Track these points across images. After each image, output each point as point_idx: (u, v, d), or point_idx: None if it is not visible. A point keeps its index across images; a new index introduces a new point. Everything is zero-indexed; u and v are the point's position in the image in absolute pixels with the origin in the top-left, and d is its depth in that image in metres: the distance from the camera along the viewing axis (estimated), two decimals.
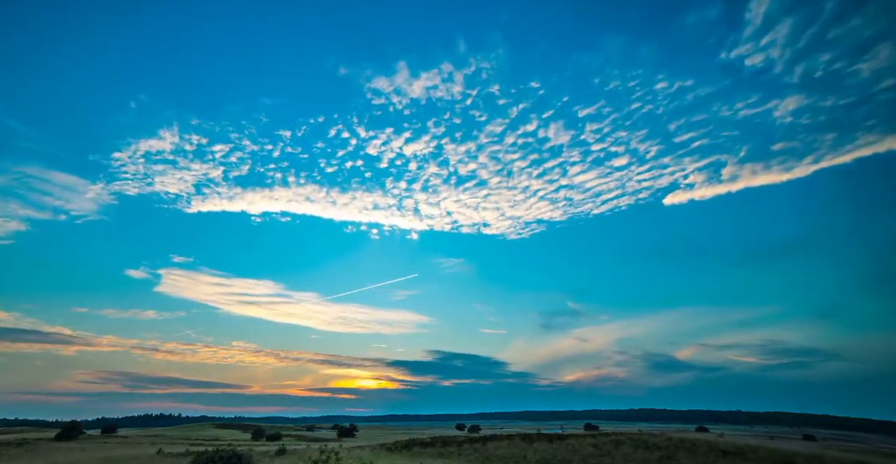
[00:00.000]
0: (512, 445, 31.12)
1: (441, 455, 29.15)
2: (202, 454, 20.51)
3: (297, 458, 25.54)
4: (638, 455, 27.07)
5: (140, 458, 28.32)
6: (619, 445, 29.96)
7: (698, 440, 31.56)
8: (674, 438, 32.55)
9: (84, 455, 29.80)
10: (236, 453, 20.51)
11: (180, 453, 30.61)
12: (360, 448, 32.85)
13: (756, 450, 28.34)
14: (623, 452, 27.97)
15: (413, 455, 28.98)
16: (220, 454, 20.05)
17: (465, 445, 31.98)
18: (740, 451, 28.00)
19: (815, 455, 27.37)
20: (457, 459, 27.83)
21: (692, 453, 27.39)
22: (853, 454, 31.43)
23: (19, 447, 34.44)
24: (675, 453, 27.35)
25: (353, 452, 29.38)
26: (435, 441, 34.84)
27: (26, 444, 36.86)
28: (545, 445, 30.48)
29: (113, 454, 29.93)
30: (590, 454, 27.39)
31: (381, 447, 33.22)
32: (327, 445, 34.85)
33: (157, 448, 33.85)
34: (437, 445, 32.87)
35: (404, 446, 32.66)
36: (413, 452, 30.35)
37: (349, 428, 70.13)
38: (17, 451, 32.34)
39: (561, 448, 29.16)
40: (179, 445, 39.60)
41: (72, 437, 42.81)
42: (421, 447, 32.24)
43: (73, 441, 40.86)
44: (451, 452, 29.80)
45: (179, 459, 27.74)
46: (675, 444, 30.00)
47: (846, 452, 34.60)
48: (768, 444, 34.82)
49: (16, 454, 30.62)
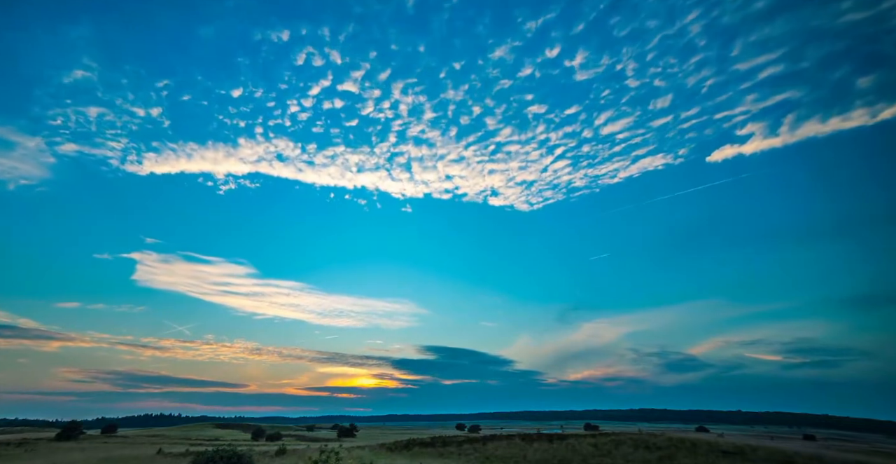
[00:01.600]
0: (512, 445, 31.11)
1: (441, 455, 29.14)
2: (202, 454, 20.51)
3: (298, 458, 25.53)
4: (638, 455, 27.06)
5: (140, 458, 28.32)
6: (619, 445, 29.96)
7: (698, 440, 31.56)
8: (674, 438, 32.55)
9: (84, 455, 29.79)
10: (236, 453, 20.50)
11: (180, 453, 30.61)
12: (360, 448, 32.84)
13: (756, 450, 28.35)
14: (623, 452, 27.96)
15: (413, 455, 28.98)
16: (221, 454, 20.04)
17: (465, 445, 31.98)
18: (740, 451, 28.00)
19: (815, 455, 27.37)
20: (457, 459, 27.82)
21: (692, 453, 27.38)
22: (853, 454, 31.42)
23: (19, 447, 34.44)
24: (675, 453, 27.35)
25: (353, 452, 29.38)
26: (435, 441, 34.84)
27: (26, 444, 36.87)
28: (545, 445, 30.48)
29: (113, 454, 29.93)
30: (590, 454, 27.39)
31: (381, 447, 33.22)
32: (327, 445, 34.85)
33: (157, 448, 33.85)
34: (437, 445, 32.87)
35: (404, 446, 32.65)
36: (413, 452, 30.34)
37: (349, 428, 70.14)
38: (17, 451, 32.33)
39: (561, 448, 29.16)
40: (179, 445, 39.61)
41: (72, 437, 42.81)
42: (421, 447, 32.24)
43: (72, 441, 40.86)
44: (451, 452, 29.79)
45: (179, 459, 27.73)
46: (675, 444, 30.01)
47: (846, 452, 34.59)
48: (768, 444, 34.82)
49: (16, 454, 30.62)
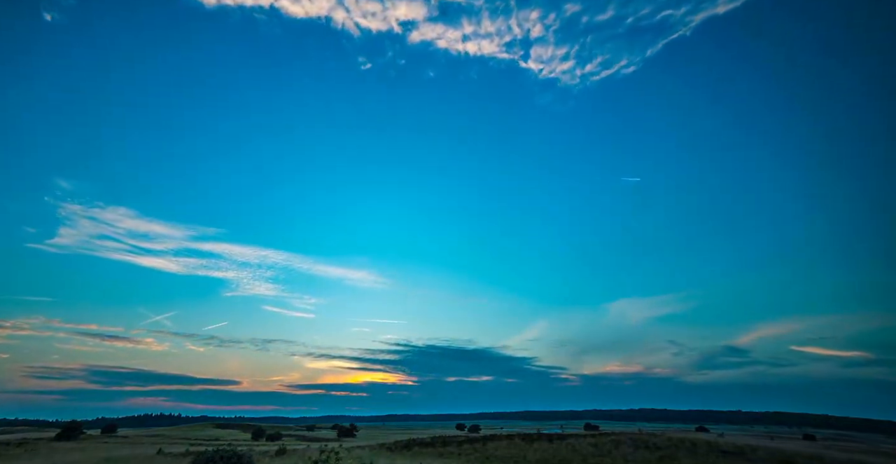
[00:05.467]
0: (512, 445, 31.11)
1: (441, 455, 29.13)
2: (202, 454, 20.49)
3: (298, 458, 25.52)
4: (638, 455, 27.06)
5: (140, 458, 28.30)
6: (619, 445, 29.96)
7: (698, 440, 31.58)
8: (674, 438, 32.56)
9: (84, 455, 29.78)
10: (236, 452, 20.49)
11: (180, 453, 30.59)
12: (360, 448, 32.84)
13: (756, 450, 28.37)
14: (623, 452, 27.97)
15: (413, 455, 28.97)
16: (221, 454, 20.02)
17: (465, 445, 31.98)
18: (740, 451, 28.01)
19: (815, 455, 27.39)
20: (457, 459, 27.82)
21: (692, 453, 27.39)
22: (853, 454, 31.44)
23: (19, 447, 34.42)
24: (675, 453, 27.35)
25: (353, 452, 29.37)
26: (435, 441, 34.85)
27: (26, 444, 36.86)
28: (545, 444, 30.48)
29: (113, 454, 29.92)
30: (590, 454, 27.39)
31: (381, 447, 33.22)
32: (327, 445, 34.86)
33: (158, 448, 33.84)
34: (437, 445, 32.87)
35: (404, 446, 32.65)
36: (413, 452, 30.33)
37: (349, 428, 70.16)
38: (17, 451, 32.32)
39: (561, 448, 29.16)
40: (179, 445, 39.61)
41: (72, 437, 42.80)
42: (421, 447, 32.23)
43: (72, 441, 40.85)
44: (451, 452, 29.79)
45: (179, 459, 27.72)
46: (675, 444, 30.02)
47: (846, 452, 34.60)
48: (768, 444, 34.83)
49: (16, 454, 30.60)
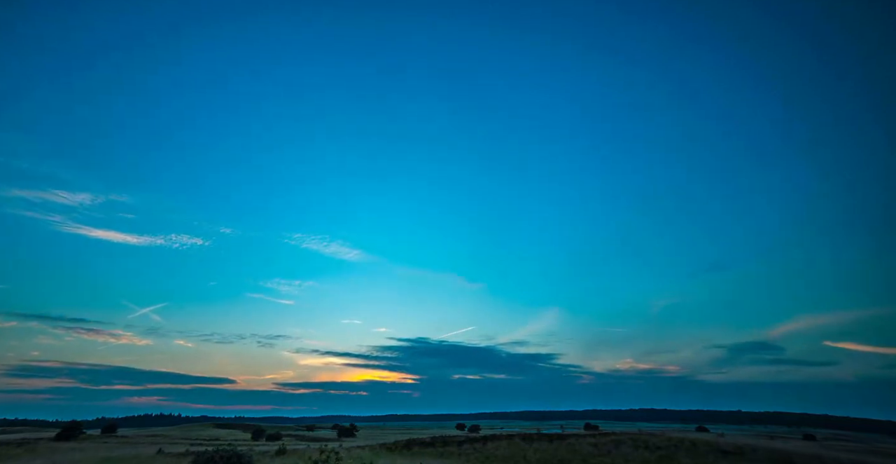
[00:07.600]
0: (512, 445, 31.12)
1: (441, 455, 29.14)
2: (202, 454, 20.50)
3: (298, 458, 25.52)
4: (638, 455, 27.08)
5: (140, 458, 28.30)
6: (619, 444, 29.98)
7: (698, 440, 31.59)
8: (674, 438, 32.58)
9: (84, 455, 29.77)
10: (237, 452, 20.49)
11: (180, 452, 30.59)
12: (361, 448, 32.84)
13: (756, 450, 28.38)
14: (623, 451, 27.98)
15: (413, 455, 28.97)
16: (221, 454, 20.03)
17: (465, 444, 31.98)
18: (740, 451, 28.02)
19: (815, 455, 27.40)
20: (457, 458, 27.83)
21: (692, 453, 27.41)
22: (853, 454, 31.45)
23: (19, 447, 34.41)
24: (675, 453, 27.37)
25: (353, 452, 29.37)
26: (435, 441, 34.85)
27: (26, 444, 36.85)
28: (545, 444, 30.49)
29: (113, 454, 29.91)
30: (590, 454, 27.40)
31: (381, 447, 33.22)
32: (327, 445, 34.86)
33: (158, 448, 33.84)
34: (437, 444, 32.87)
35: (404, 446, 32.65)
36: (413, 452, 30.34)
37: (349, 428, 70.17)
38: (17, 451, 32.31)
39: (561, 448, 29.17)
40: (179, 445, 39.61)
41: (72, 437, 42.79)
42: (421, 447, 32.24)
43: (72, 441, 40.84)
44: (452, 452, 29.80)
45: (179, 459, 27.71)
46: (675, 444, 30.03)
47: (846, 452, 34.62)
48: (768, 444, 34.84)
49: (16, 454, 30.59)
